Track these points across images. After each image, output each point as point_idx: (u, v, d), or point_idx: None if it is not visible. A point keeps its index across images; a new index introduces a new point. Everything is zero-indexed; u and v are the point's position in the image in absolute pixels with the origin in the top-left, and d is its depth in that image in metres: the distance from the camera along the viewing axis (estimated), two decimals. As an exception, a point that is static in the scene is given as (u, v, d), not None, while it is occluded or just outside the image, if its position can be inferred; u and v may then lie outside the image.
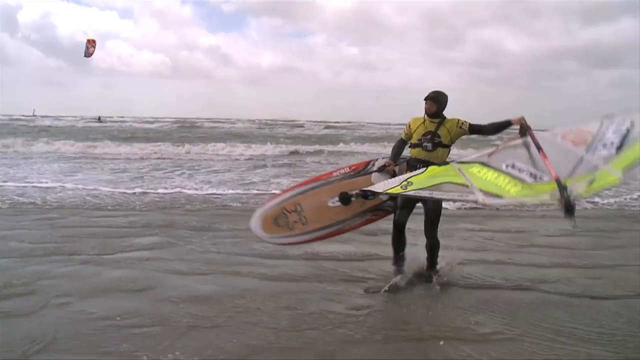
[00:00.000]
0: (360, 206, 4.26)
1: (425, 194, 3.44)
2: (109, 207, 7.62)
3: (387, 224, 4.43)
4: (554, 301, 3.95)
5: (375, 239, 5.56)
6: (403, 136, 4.36)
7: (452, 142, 4.19)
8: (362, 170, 4.43)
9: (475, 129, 4.15)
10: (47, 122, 39.77)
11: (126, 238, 5.72)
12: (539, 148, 3.23)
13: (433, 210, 4.15)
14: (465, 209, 7.93)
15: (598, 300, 3.98)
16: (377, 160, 4.50)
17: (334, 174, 4.46)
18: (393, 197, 4.22)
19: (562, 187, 2.75)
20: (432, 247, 4.26)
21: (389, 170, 4.25)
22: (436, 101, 4.17)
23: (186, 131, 32.60)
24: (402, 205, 4.25)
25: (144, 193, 8.96)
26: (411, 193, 3.52)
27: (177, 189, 9.47)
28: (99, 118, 47.44)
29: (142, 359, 2.90)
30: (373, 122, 56.86)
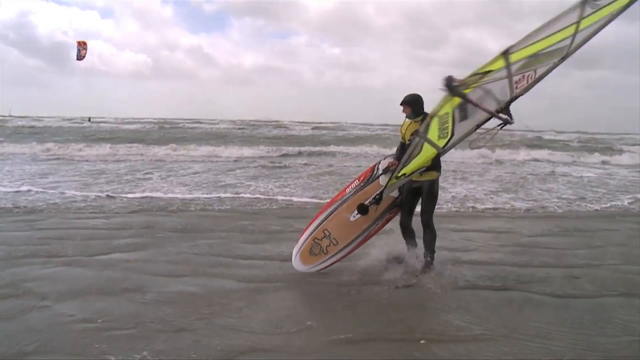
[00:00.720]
0: (377, 210, 4.59)
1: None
2: (87, 210, 7.48)
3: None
4: (534, 301, 3.97)
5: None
6: (400, 139, 4.63)
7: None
8: (370, 177, 4.73)
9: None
10: (23, 123, 38.53)
11: (106, 240, 5.63)
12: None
13: (426, 210, 4.46)
14: (450, 210, 7.96)
15: (578, 300, 4.01)
16: (380, 162, 4.72)
17: (347, 190, 4.79)
18: (401, 192, 4.63)
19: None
20: (430, 237, 4.50)
21: (392, 170, 4.47)
22: (409, 104, 4.45)
23: (167, 132, 31.90)
24: (403, 204, 4.63)
25: (122, 195, 8.78)
26: (404, 180, 4.24)
27: (156, 192, 9.31)
28: (89, 119, 45.76)
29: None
30: (356, 122, 56.67)
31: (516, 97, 3.79)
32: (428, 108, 4.28)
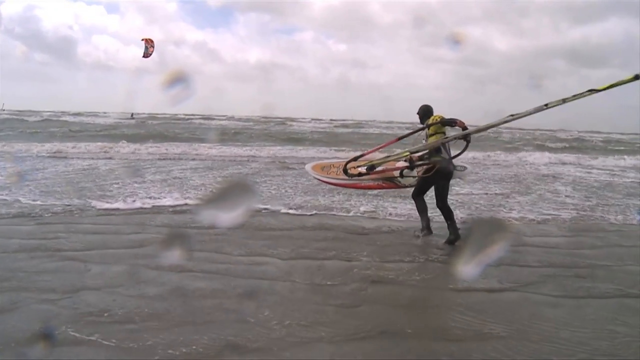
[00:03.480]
0: (375, 174, 6.04)
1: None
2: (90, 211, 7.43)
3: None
4: (541, 301, 3.96)
5: (366, 238, 5.63)
6: None
7: (435, 131, 5.58)
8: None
9: (445, 122, 5.48)
10: (13, 118, 36.12)
11: (111, 235, 5.67)
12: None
13: (441, 193, 5.60)
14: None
15: (584, 300, 4.01)
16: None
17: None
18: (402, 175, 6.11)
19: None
20: (448, 215, 5.56)
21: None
22: (418, 113, 5.91)
23: (173, 128, 31.55)
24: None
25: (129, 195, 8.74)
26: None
27: (162, 192, 9.22)
28: (132, 115, 43.02)
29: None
30: (363, 119, 55.78)
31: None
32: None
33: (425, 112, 5.80)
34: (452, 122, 5.40)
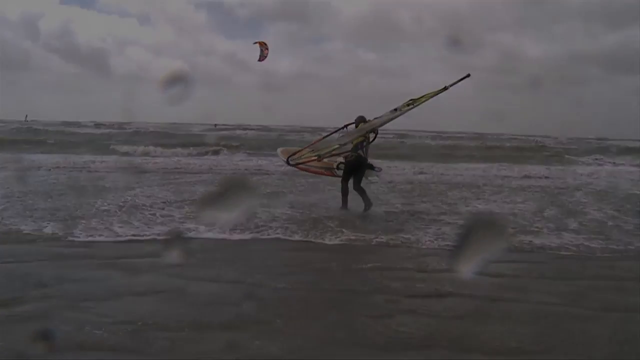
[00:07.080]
0: (321, 164, 8.30)
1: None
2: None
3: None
4: (579, 315, 3.79)
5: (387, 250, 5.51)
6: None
7: (360, 134, 7.88)
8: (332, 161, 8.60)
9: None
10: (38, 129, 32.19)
11: (140, 244, 5.70)
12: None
13: (357, 179, 7.79)
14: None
15: (627, 314, 3.83)
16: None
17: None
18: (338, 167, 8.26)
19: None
20: (361, 193, 7.71)
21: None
22: (355, 121, 8.15)
23: (203, 139, 30.84)
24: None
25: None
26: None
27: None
28: (215, 125, 41.35)
29: None
30: (406, 129, 53.36)
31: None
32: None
33: (360, 120, 8.11)
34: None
